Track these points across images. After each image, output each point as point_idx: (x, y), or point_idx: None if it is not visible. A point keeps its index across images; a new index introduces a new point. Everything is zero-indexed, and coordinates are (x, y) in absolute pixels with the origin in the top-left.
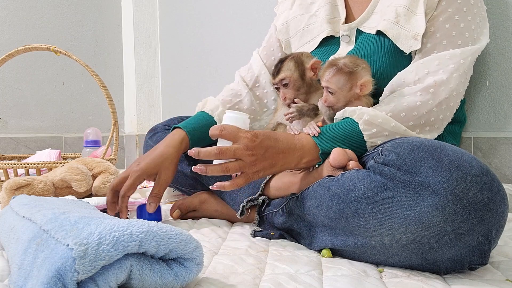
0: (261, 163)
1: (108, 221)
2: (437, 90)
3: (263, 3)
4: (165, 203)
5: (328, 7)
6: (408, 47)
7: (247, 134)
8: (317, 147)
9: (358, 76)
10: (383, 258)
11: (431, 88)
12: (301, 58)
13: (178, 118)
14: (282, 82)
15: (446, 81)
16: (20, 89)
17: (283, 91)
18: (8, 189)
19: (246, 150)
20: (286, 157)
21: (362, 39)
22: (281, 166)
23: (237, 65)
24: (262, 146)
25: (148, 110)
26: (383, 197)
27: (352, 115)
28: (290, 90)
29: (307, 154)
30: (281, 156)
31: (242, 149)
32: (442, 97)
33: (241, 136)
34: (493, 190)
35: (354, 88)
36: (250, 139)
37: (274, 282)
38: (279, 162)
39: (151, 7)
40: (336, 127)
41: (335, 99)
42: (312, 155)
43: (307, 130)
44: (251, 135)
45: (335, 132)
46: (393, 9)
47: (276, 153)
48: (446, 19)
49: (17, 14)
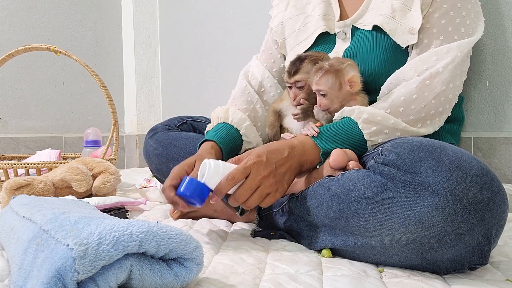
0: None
1: (108, 221)
2: (432, 82)
3: (263, 3)
4: (165, 203)
5: (322, 5)
6: (405, 41)
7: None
8: (317, 147)
9: (345, 72)
10: (383, 258)
11: (426, 81)
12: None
13: (178, 118)
14: (297, 84)
15: (440, 72)
16: (20, 89)
17: (295, 91)
18: (8, 189)
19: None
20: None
21: (359, 36)
22: (294, 169)
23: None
24: (269, 161)
25: (148, 110)
26: (383, 197)
27: (350, 115)
28: (302, 92)
29: (308, 154)
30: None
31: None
32: (438, 89)
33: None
34: (493, 190)
35: (343, 86)
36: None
37: (274, 282)
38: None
39: (151, 7)
40: (335, 126)
41: (329, 100)
42: (313, 155)
43: (306, 131)
44: (254, 156)
45: (334, 131)
46: (388, 5)
47: (285, 160)
48: (442, 15)
49: (17, 14)
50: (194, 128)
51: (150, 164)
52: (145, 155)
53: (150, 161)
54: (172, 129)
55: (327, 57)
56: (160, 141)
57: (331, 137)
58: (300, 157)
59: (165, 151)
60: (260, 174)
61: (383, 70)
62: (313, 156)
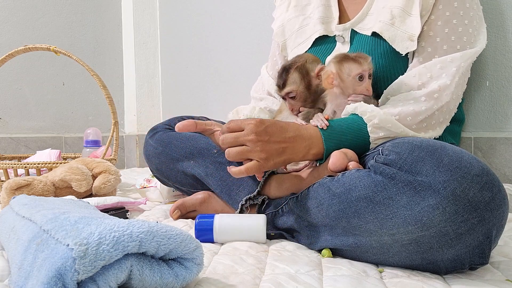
0: (267, 149)
1: (108, 221)
2: (441, 95)
3: (263, 3)
4: (165, 203)
5: (321, 8)
6: (404, 48)
7: (253, 120)
8: (322, 145)
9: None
10: (383, 258)
11: (435, 93)
12: (306, 66)
13: (178, 118)
14: (289, 95)
15: (449, 85)
16: (20, 89)
17: (290, 102)
18: (8, 189)
19: (249, 135)
20: (294, 146)
21: (358, 40)
22: (290, 154)
23: (237, 65)
24: (267, 132)
25: (148, 110)
26: (383, 197)
27: (363, 115)
28: (297, 101)
29: (314, 145)
30: (288, 144)
31: (244, 134)
32: (444, 101)
33: (247, 123)
34: (493, 190)
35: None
36: (255, 124)
37: (274, 282)
38: (287, 150)
39: (151, 7)
40: (344, 123)
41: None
42: (319, 147)
43: (315, 122)
44: (257, 121)
45: (342, 128)
46: (388, 11)
47: (282, 140)
48: (445, 23)
49: (17, 14)
50: None
51: (150, 164)
52: (145, 155)
53: (150, 161)
54: (172, 129)
55: (315, 58)
56: (160, 140)
57: (337, 136)
58: (300, 147)
59: (165, 151)
60: (249, 135)
61: (381, 75)
62: (319, 147)
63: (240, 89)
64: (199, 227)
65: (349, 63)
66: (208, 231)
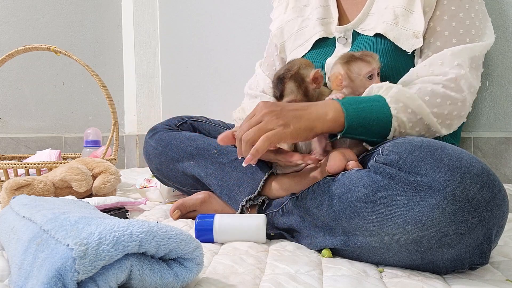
0: (283, 115)
1: (108, 221)
2: (458, 84)
3: (263, 3)
4: (165, 203)
5: (320, 9)
6: (410, 46)
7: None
8: (341, 107)
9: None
10: (383, 258)
11: (452, 82)
12: (300, 73)
13: (178, 118)
14: None
15: (465, 74)
16: (20, 89)
17: None
18: (8, 189)
19: (261, 112)
20: (310, 111)
21: (360, 41)
22: (308, 120)
23: (237, 65)
24: (278, 105)
25: (148, 110)
26: (383, 197)
27: (378, 91)
28: None
29: (331, 109)
30: (303, 111)
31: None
32: (465, 91)
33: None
34: (493, 190)
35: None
36: (264, 103)
37: (274, 282)
38: (304, 115)
39: (151, 7)
40: (361, 99)
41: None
42: (336, 111)
43: (331, 96)
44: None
45: (359, 103)
46: (391, 11)
47: (296, 108)
48: (451, 17)
49: (17, 14)
50: (194, 128)
51: (150, 164)
52: (145, 155)
53: (150, 161)
54: (172, 129)
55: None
56: (160, 140)
57: (355, 103)
58: (317, 111)
59: (165, 151)
60: (262, 112)
61: (385, 73)
62: (336, 111)
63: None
64: (199, 227)
65: (357, 63)
66: (208, 231)
